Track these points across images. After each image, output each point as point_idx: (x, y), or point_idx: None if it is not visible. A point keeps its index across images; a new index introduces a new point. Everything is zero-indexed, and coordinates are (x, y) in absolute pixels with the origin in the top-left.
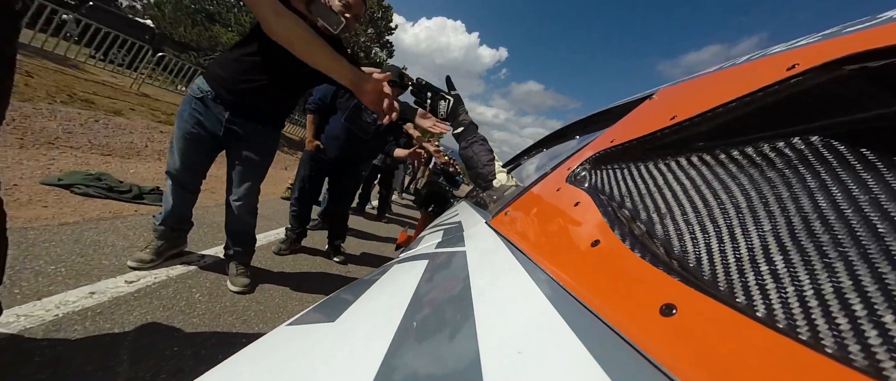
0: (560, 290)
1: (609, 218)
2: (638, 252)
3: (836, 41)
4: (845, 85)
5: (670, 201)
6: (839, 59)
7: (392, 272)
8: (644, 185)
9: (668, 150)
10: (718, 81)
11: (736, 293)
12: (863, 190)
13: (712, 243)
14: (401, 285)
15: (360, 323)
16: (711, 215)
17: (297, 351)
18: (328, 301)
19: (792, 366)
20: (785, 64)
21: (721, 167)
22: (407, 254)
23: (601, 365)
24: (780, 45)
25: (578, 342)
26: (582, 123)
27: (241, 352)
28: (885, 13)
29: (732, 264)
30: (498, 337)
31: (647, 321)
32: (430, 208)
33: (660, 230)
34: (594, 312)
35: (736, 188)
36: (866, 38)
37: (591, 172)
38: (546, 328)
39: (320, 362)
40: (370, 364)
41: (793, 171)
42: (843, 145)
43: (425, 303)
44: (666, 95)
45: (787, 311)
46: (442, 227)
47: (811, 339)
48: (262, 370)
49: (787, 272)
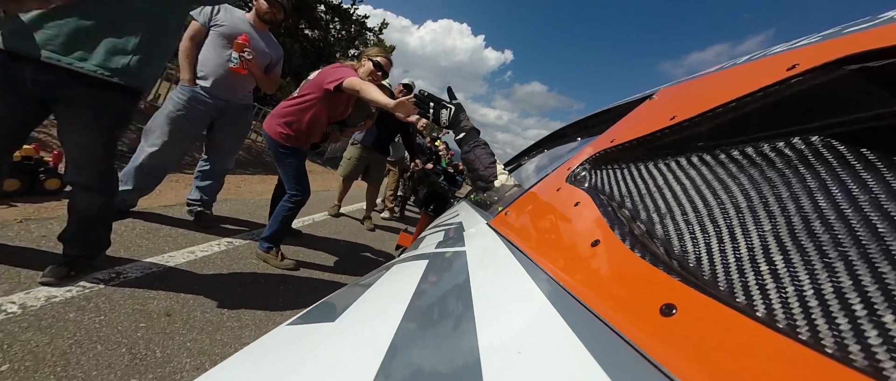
0: (560, 290)
1: (609, 218)
2: (638, 252)
3: (836, 41)
4: (845, 85)
5: (670, 201)
6: (839, 59)
7: (392, 272)
8: (644, 185)
9: (669, 150)
10: (718, 81)
11: (736, 293)
12: (863, 190)
13: (712, 243)
14: (401, 286)
15: (360, 323)
16: (711, 215)
17: (297, 351)
18: (328, 301)
19: (792, 366)
20: (785, 64)
21: (721, 167)
22: (407, 254)
23: (601, 365)
24: (781, 45)
25: (578, 342)
26: (582, 123)
27: (241, 352)
28: (886, 13)
29: (732, 264)
30: (498, 337)
31: (647, 320)
32: (430, 208)
33: (660, 230)
34: (594, 312)
35: (736, 188)
36: (866, 39)
37: (591, 172)
38: (546, 327)
39: (320, 362)
40: (370, 364)
41: (793, 171)
42: (843, 145)
43: (425, 303)
44: (666, 94)
45: (786, 311)
46: (442, 227)
47: (811, 339)
48: (262, 370)
49: (786, 272)
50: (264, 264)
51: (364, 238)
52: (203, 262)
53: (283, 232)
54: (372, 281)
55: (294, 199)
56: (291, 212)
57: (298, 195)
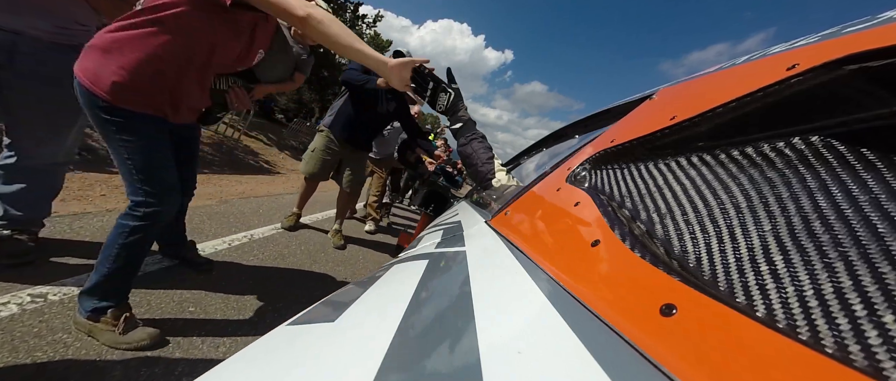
0: (560, 290)
1: (609, 218)
2: (638, 252)
3: (836, 41)
4: (845, 85)
5: (670, 201)
6: (839, 59)
7: (392, 272)
8: (644, 185)
9: (668, 150)
10: (718, 81)
11: (736, 293)
12: (863, 190)
13: (712, 243)
14: (401, 285)
15: (360, 323)
16: (711, 215)
17: (297, 351)
18: (328, 301)
19: (792, 366)
20: (785, 64)
21: (721, 167)
22: (407, 254)
23: (601, 365)
24: (781, 45)
25: (578, 342)
26: (582, 123)
27: (240, 352)
28: (885, 13)
29: (732, 264)
30: (498, 337)
31: (647, 320)
32: (429, 208)
33: (660, 230)
34: (594, 312)
35: (736, 188)
36: (866, 38)
37: (591, 172)
38: (546, 327)
39: (320, 362)
40: (370, 364)
41: (793, 171)
42: (843, 145)
43: (425, 303)
44: (666, 94)
45: (786, 311)
46: (442, 227)
47: (811, 339)
48: (262, 370)
49: (786, 272)
50: (95, 344)
51: (327, 261)
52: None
53: (123, 278)
54: (372, 281)
55: (141, 211)
56: (136, 238)
57: (150, 205)
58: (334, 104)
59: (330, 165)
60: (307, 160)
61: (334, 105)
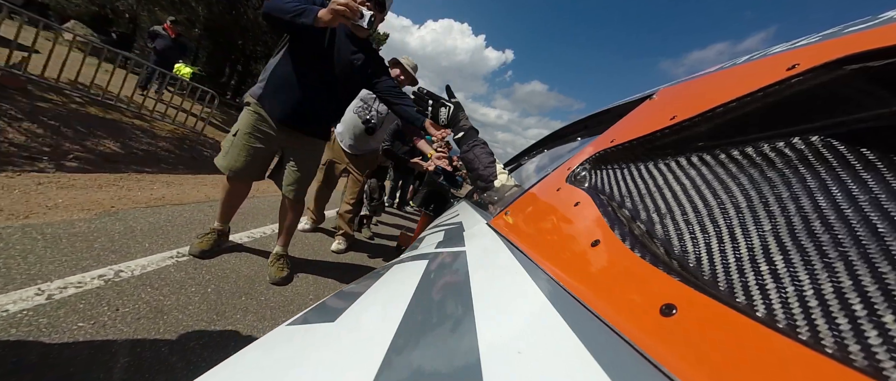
0: (560, 290)
1: (609, 218)
2: (638, 252)
3: (836, 41)
4: (845, 85)
5: (670, 201)
6: (839, 59)
7: (392, 272)
8: (644, 185)
9: (669, 150)
10: (719, 81)
11: (736, 293)
12: (863, 190)
13: (712, 243)
14: (401, 286)
15: (360, 323)
16: (711, 215)
17: (297, 351)
18: (328, 301)
19: (792, 366)
20: (785, 64)
21: (721, 167)
22: (407, 254)
23: (601, 365)
24: (781, 45)
25: (578, 342)
26: (582, 123)
27: (240, 352)
28: (886, 13)
29: (732, 264)
30: (498, 337)
31: (647, 320)
32: (429, 208)
33: (660, 230)
34: (594, 312)
35: (736, 188)
36: (866, 38)
37: (591, 172)
38: (546, 327)
39: (320, 362)
40: (370, 364)
41: (793, 171)
42: (843, 145)
43: (425, 303)
44: (666, 94)
45: (786, 311)
46: (442, 227)
47: (811, 339)
48: (262, 370)
49: (786, 272)
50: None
51: (253, 306)
52: None
53: None
54: (372, 281)
55: None
56: None
57: None
58: (268, 63)
59: (262, 157)
60: (226, 150)
61: (268, 65)
